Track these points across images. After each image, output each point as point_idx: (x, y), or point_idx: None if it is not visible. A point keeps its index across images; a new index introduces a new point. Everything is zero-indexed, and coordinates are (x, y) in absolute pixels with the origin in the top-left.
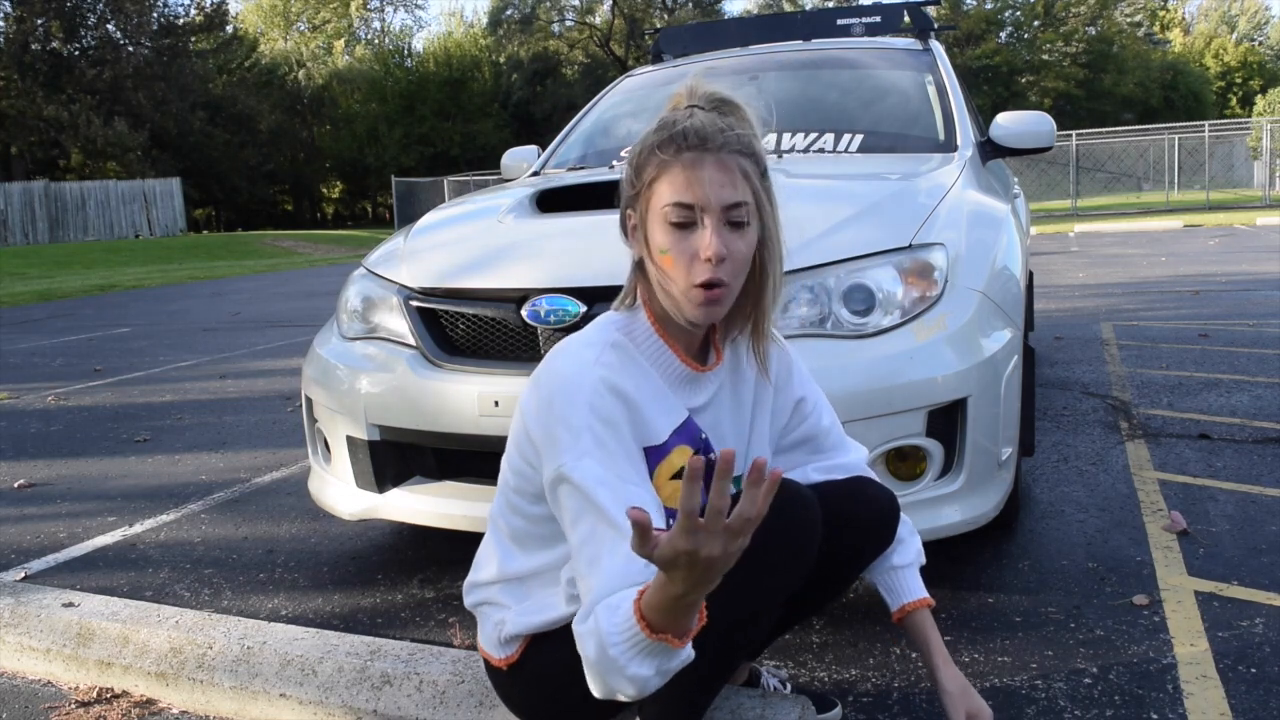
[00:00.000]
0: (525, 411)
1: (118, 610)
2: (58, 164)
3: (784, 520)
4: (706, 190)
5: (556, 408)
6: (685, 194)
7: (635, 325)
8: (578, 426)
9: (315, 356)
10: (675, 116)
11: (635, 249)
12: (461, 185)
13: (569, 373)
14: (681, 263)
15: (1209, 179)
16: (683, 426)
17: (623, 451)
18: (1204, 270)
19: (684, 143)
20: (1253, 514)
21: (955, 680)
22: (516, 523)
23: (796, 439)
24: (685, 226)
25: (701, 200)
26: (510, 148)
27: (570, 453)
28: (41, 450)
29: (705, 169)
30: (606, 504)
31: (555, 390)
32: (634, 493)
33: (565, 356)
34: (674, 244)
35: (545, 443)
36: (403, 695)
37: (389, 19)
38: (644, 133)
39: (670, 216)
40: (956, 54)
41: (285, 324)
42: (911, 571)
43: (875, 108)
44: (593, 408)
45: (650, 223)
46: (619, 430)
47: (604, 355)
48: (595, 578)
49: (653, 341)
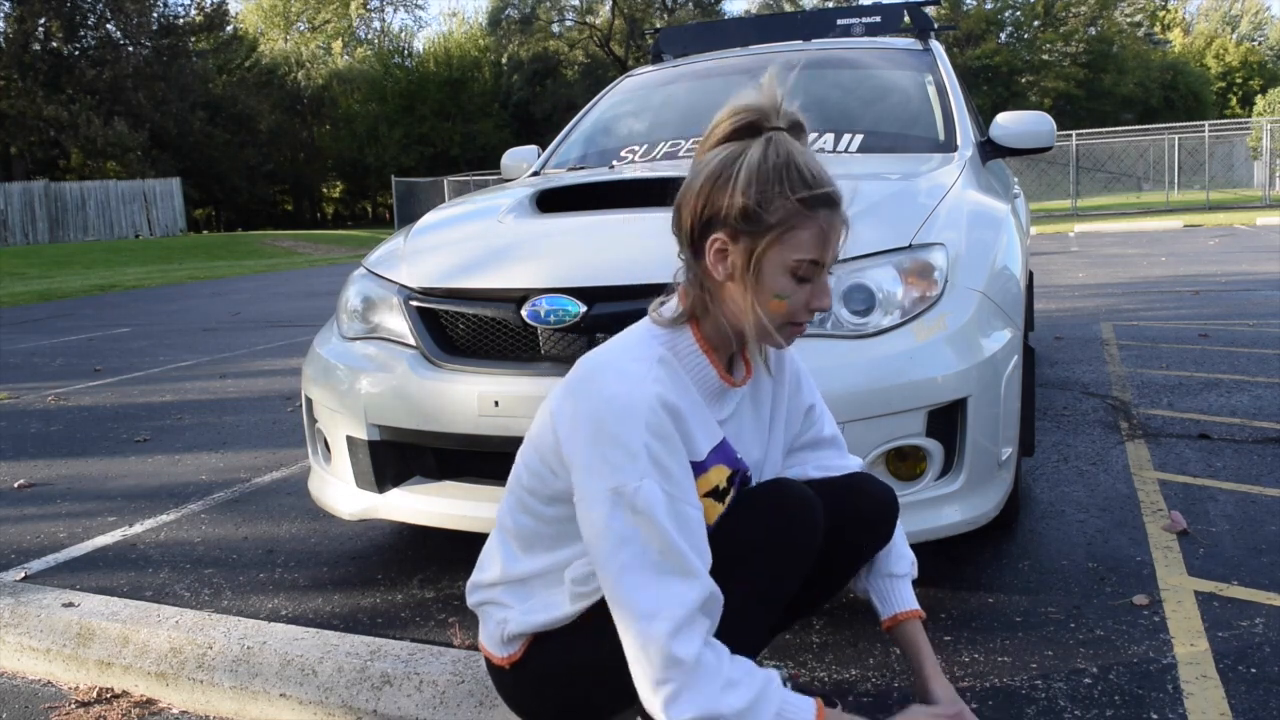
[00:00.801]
0: (561, 424)
1: (118, 610)
2: (58, 164)
3: (786, 519)
4: (833, 251)
5: (610, 427)
6: (817, 253)
7: (679, 341)
8: (635, 448)
9: (315, 356)
10: (788, 149)
11: (717, 271)
12: (461, 185)
13: (622, 391)
14: (793, 309)
15: (1209, 179)
16: (719, 446)
17: (678, 467)
18: (1204, 270)
19: (822, 197)
20: (1253, 514)
21: (945, 691)
22: (525, 522)
23: (803, 444)
24: (804, 278)
25: (828, 259)
26: (510, 148)
27: (628, 473)
28: (41, 450)
29: (836, 231)
30: (666, 528)
31: (608, 409)
32: (690, 513)
33: (614, 374)
34: (793, 293)
35: (593, 461)
36: (403, 695)
37: (389, 19)
38: (755, 157)
39: (799, 271)
40: (956, 54)
41: (285, 324)
42: (906, 582)
43: (875, 108)
44: (649, 426)
45: (767, 265)
46: (674, 446)
47: (654, 371)
48: (671, 604)
49: (696, 358)
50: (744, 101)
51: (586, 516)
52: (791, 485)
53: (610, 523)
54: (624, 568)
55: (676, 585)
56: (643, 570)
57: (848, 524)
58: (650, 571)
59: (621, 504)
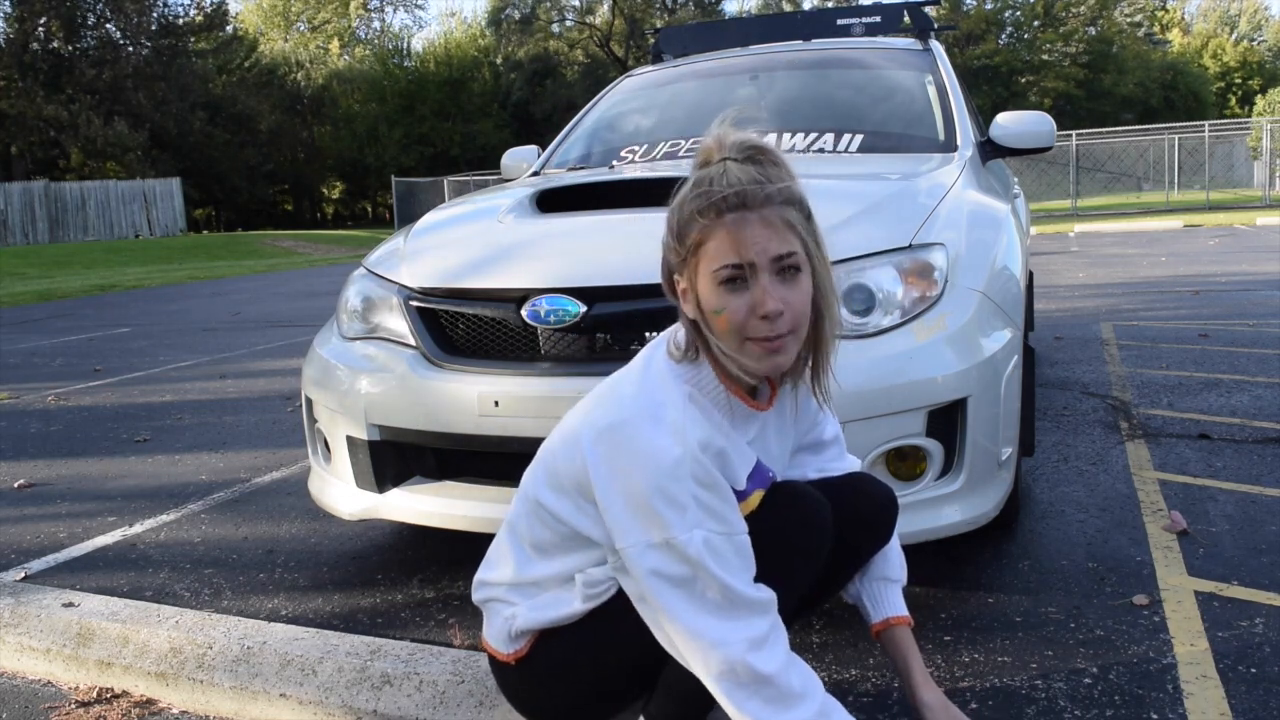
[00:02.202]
0: (597, 474)
1: (118, 610)
2: (58, 164)
3: (799, 524)
4: (754, 247)
5: (654, 483)
6: (733, 255)
7: (701, 376)
8: (684, 501)
9: (315, 356)
10: (709, 174)
11: (688, 310)
12: (461, 185)
13: (665, 445)
14: (737, 321)
15: (1209, 179)
16: (755, 471)
17: (726, 507)
18: (1204, 270)
19: (724, 204)
20: (1253, 514)
21: (935, 695)
22: (543, 535)
23: (806, 445)
24: (737, 285)
25: (751, 257)
26: (510, 148)
27: (678, 527)
28: (41, 450)
29: (749, 228)
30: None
31: (652, 465)
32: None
33: (652, 425)
34: (728, 302)
35: (639, 515)
36: (403, 695)
37: (389, 19)
38: (680, 194)
39: (721, 277)
40: (956, 54)
41: (285, 324)
42: (897, 588)
43: (875, 108)
44: (696, 478)
45: (701, 285)
46: (721, 489)
47: (689, 413)
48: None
49: (719, 391)
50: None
51: (635, 566)
52: (799, 487)
53: (664, 570)
54: (683, 610)
55: (743, 616)
56: (703, 611)
57: (848, 525)
58: (710, 611)
59: (673, 554)
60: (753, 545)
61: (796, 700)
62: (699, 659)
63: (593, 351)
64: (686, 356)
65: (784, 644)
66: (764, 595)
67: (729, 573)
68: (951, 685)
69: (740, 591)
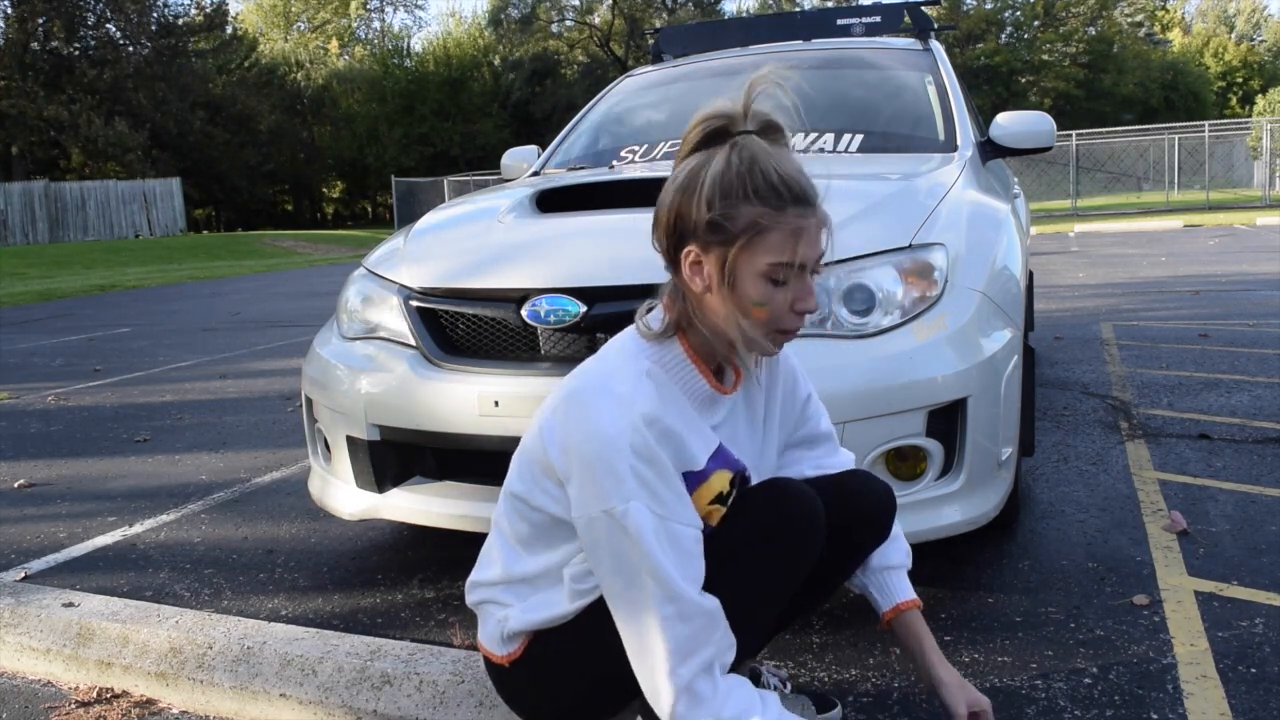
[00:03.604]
0: (552, 446)
1: (118, 610)
2: (58, 164)
3: (787, 518)
4: (809, 251)
5: (594, 450)
6: (792, 255)
7: (667, 353)
8: (621, 471)
9: (315, 356)
10: (753, 152)
11: (694, 283)
12: (461, 185)
13: (608, 416)
14: (775, 315)
15: (1209, 179)
16: (717, 452)
17: (666, 486)
18: (1204, 270)
19: (790, 197)
20: (1253, 514)
21: (952, 674)
22: (521, 527)
23: (799, 439)
24: (780, 280)
25: (805, 260)
26: (510, 148)
27: (616, 497)
28: (41, 450)
29: (809, 231)
30: (656, 551)
31: (594, 434)
32: (681, 532)
33: (600, 396)
34: (771, 298)
35: (584, 483)
36: (403, 695)
37: (389, 19)
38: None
39: (774, 275)
40: (956, 54)
41: (285, 324)
42: (903, 573)
43: (875, 108)
44: (635, 449)
45: (742, 272)
46: (661, 465)
47: (640, 387)
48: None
49: (685, 368)
50: (712, 109)
51: (584, 536)
52: (792, 484)
53: (606, 542)
54: (622, 588)
55: (667, 609)
56: (636, 592)
57: (848, 522)
58: (642, 594)
59: (613, 526)
60: (740, 539)
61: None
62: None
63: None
64: (661, 335)
65: (700, 662)
66: (688, 587)
67: (666, 558)
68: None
69: (668, 575)
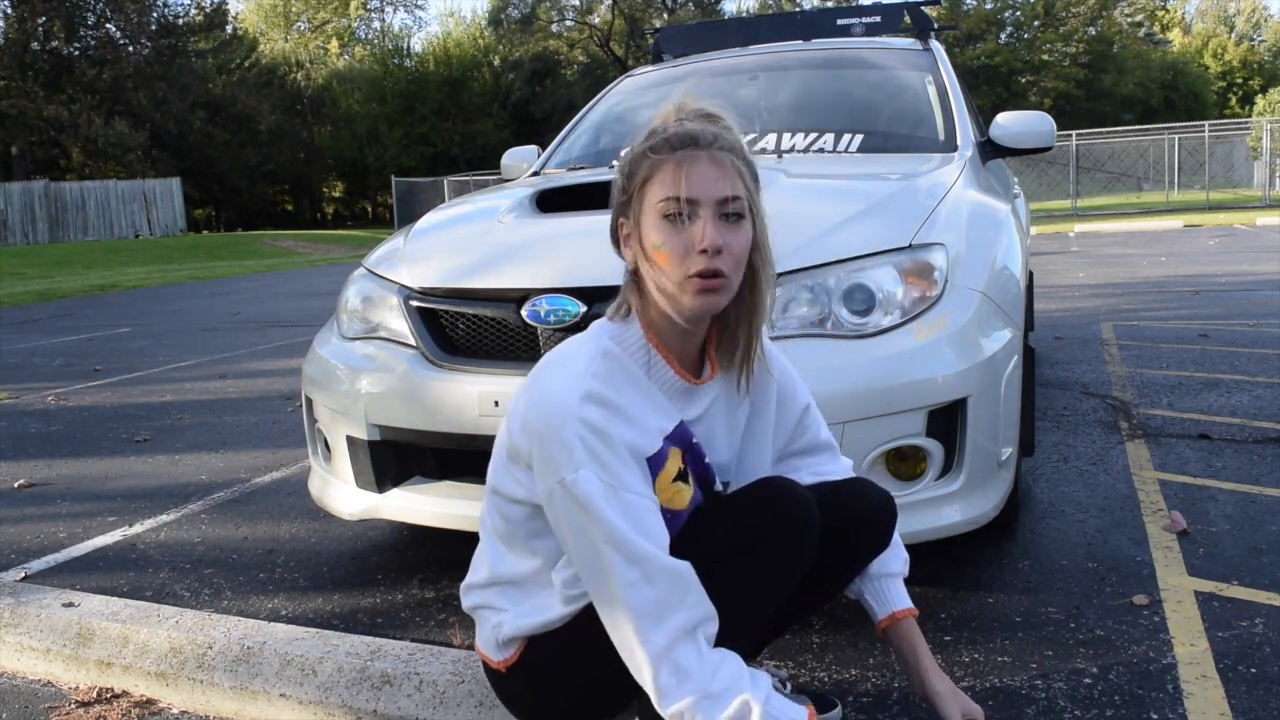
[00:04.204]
0: (513, 423)
1: (118, 610)
2: (58, 164)
3: (780, 518)
4: (699, 184)
5: (544, 422)
6: (678, 189)
7: (627, 335)
8: (569, 440)
9: (315, 356)
10: (664, 124)
11: (628, 256)
12: (461, 185)
13: (556, 387)
14: (676, 256)
15: (1209, 179)
16: (674, 432)
17: (615, 459)
18: (1204, 270)
19: (675, 141)
20: (1253, 514)
21: (945, 683)
22: (500, 524)
23: (798, 448)
24: (679, 221)
25: (695, 193)
26: (510, 148)
27: (567, 467)
28: (41, 450)
29: (698, 164)
30: (610, 517)
31: (542, 405)
32: (633, 501)
33: (553, 369)
34: (668, 238)
35: (540, 458)
36: (403, 695)
37: (389, 19)
38: (632, 143)
39: (664, 210)
40: (956, 54)
41: (285, 324)
42: (900, 582)
43: (875, 108)
44: (582, 419)
45: (644, 222)
46: (609, 438)
47: (593, 364)
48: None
49: (644, 351)
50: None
51: (548, 514)
52: (784, 483)
53: (565, 516)
54: (583, 561)
55: (630, 574)
56: (596, 562)
57: (847, 528)
58: (602, 563)
59: (567, 497)
60: (732, 537)
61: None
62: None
63: None
64: (619, 313)
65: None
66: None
67: (622, 522)
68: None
69: (626, 536)
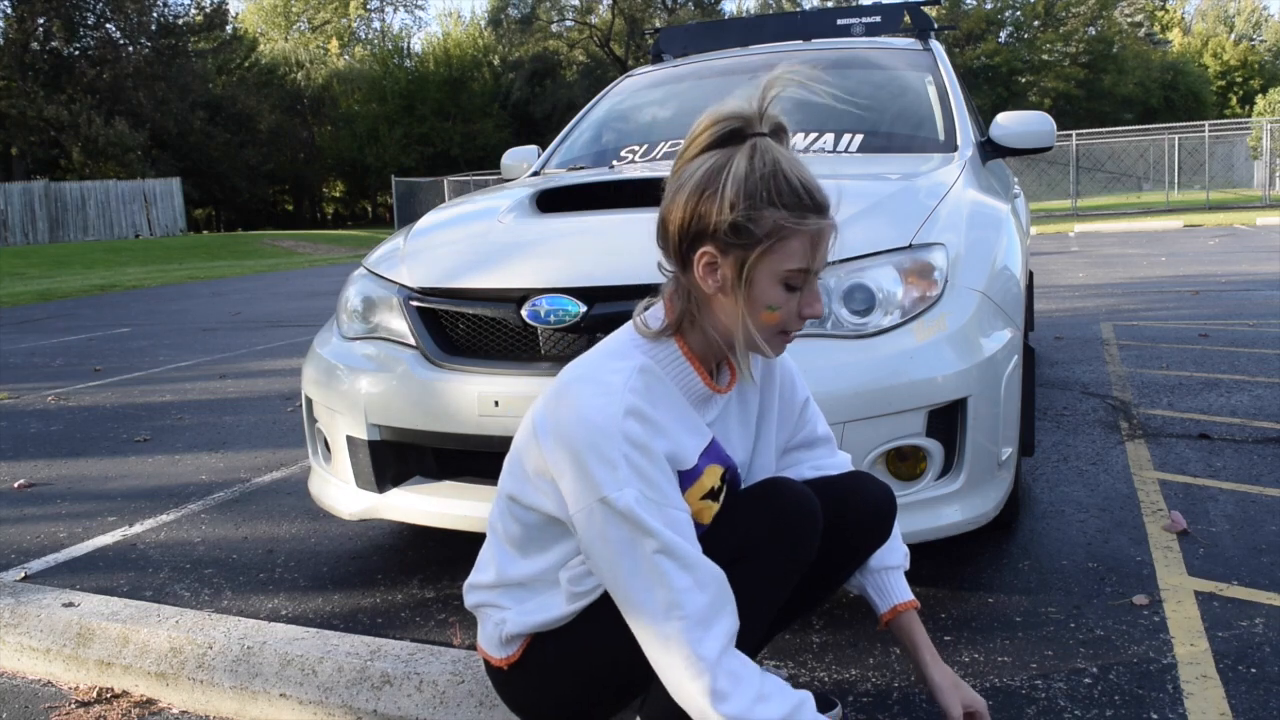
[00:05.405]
0: (544, 438)
1: (118, 610)
2: (58, 164)
3: (783, 516)
4: (823, 257)
5: (586, 438)
6: (809, 261)
7: (663, 351)
8: (614, 458)
9: (315, 356)
10: (775, 156)
11: (708, 286)
12: (461, 185)
13: (599, 404)
14: (785, 318)
15: (1209, 179)
16: (709, 448)
17: (660, 474)
18: (1204, 270)
19: (811, 205)
20: (1253, 514)
21: (947, 675)
22: (514, 529)
23: (798, 442)
24: (794, 285)
25: (820, 267)
26: (510, 148)
27: (610, 485)
28: (41, 450)
29: (825, 236)
30: (659, 529)
31: (586, 423)
32: (676, 516)
33: (592, 386)
34: (784, 303)
35: (575, 473)
36: (403, 695)
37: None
38: (744, 166)
39: (791, 280)
40: (956, 54)
41: (285, 324)
42: (900, 574)
43: (875, 108)
44: (626, 436)
45: (758, 278)
46: (653, 455)
47: (632, 380)
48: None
49: (680, 366)
50: (726, 109)
51: (582, 531)
52: (788, 483)
53: (606, 533)
54: (628, 575)
55: (683, 579)
56: (647, 574)
57: (847, 523)
58: (654, 573)
59: (611, 514)
60: (736, 537)
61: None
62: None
63: None
64: (660, 334)
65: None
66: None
67: (673, 532)
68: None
69: (679, 545)
